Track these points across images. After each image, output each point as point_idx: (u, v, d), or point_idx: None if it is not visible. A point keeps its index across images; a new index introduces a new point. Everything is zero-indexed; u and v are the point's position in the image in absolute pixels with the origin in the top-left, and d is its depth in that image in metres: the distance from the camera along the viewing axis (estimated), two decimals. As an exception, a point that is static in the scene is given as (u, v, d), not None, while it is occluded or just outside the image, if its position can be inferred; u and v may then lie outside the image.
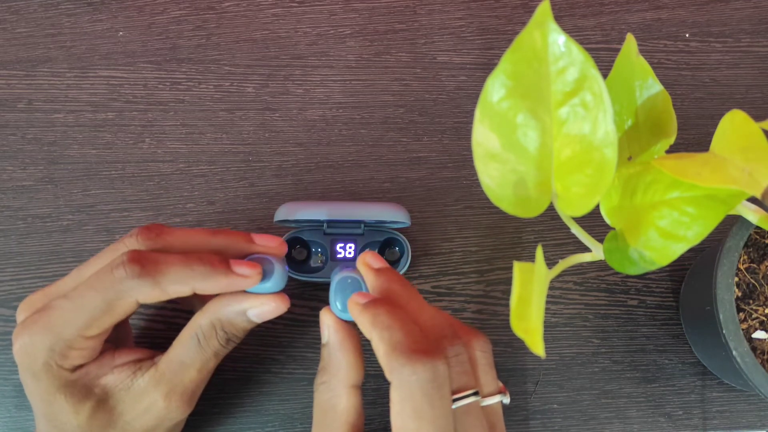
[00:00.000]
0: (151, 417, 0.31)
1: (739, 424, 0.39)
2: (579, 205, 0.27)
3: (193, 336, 0.32)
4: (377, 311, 0.28)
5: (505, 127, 0.26)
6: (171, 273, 0.30)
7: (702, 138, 0.44)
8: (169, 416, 0.32)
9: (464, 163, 0.43)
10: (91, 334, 0.30)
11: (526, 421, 0.39)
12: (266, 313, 0.33)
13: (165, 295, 0.30)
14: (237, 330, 0.33)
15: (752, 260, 0.33)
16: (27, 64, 0.45)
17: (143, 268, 0.29)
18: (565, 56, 0.24)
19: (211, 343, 0.32)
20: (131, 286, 0.29)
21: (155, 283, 0.29)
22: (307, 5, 0.47)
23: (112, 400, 0.31)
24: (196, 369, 0.32)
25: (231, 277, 0.31)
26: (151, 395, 0.31)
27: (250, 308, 0.32)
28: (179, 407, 0.32)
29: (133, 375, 0.31)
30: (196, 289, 0.30)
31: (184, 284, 0.30)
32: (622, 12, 0.47)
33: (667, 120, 0.30)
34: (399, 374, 0.26)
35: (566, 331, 0.40)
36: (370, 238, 0.40)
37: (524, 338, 0.23)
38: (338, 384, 0.30)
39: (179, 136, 0.44)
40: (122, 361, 0.32)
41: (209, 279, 0.30)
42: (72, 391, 0.30)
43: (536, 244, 0.40)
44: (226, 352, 0.33)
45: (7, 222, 0.42)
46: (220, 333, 0.32)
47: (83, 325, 0.29)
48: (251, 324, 0.33)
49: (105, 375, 0.31)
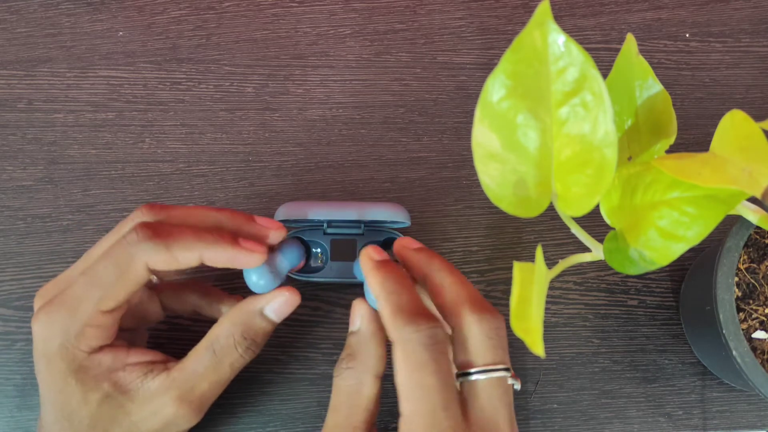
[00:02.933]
0: (157, 421, 0.31)
1: (739, 424, 0.39)
2: (579, 205, 0.27)
3: (209, 347, 0.32)
4: (387, 275, 0.30)
5: (505, 127, 0.26)
6: (181, 239, 0.30)
7: (702, 138, 0.44)
8: (175, 422, 0.31)
9: (464, 163, 0.43)
10: (107, 307, 0.30)
11: (526, 421, 0.39)
12: (282, 306, 0.33)
13: (174, 261, 0.30)
14: (257, 334, 0.33)
15: (752, 260, 0.33)
16: (27, 64, 0.45)
17: (154, 232, 0.30)
18: (565, 56, 0.24)
19: (228, 353, 0.32)
20: (142, 248, 0.30)
21: (166, 247, 0.30)
22: (307, 5, 0.47)
23: (121, 398, 0.31)
24: (208, 380, 0.32)
25: (237, 248, 0.31)
26: (160, 399, 0.31)
27: (265, 305, 0.33)
28: (187, 415, 0.31)
29: (144, 376, 0.31)
30: (203, 257, 0.31)
31: (192, 250, 0.30)
32: (622, 12, 0.47)
33: (667, 120, 0.30)
34: (401, 332, 0.28)
35: (566, 331, 0.40)
36: (370, 238, 0.40)
37: (524, 338, 0.23)
38: (366, 372, 0.31)
39: (179, 136, 0.44)
40: (135, 360, 0.32)
41: (217, 247, 0.31)
42: (84, 378, 0.30)
43: (536, 244, 0.40)
44: (243, 364, 0.33)
45: (7, 222, 0.42)
46: (238, 340, 0.32)
47: (98, 298, 0.30)
48: (270, 324, 0.33)
49: (117, 370, 0.31)
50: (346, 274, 0.39)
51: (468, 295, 0.30)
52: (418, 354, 0.28)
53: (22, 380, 0.39)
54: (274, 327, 0.34)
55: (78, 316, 0.30)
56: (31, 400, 0.39)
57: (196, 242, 0.30)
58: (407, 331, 0.28)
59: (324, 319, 0.40)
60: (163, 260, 0.30)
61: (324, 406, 0.39)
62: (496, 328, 0.29)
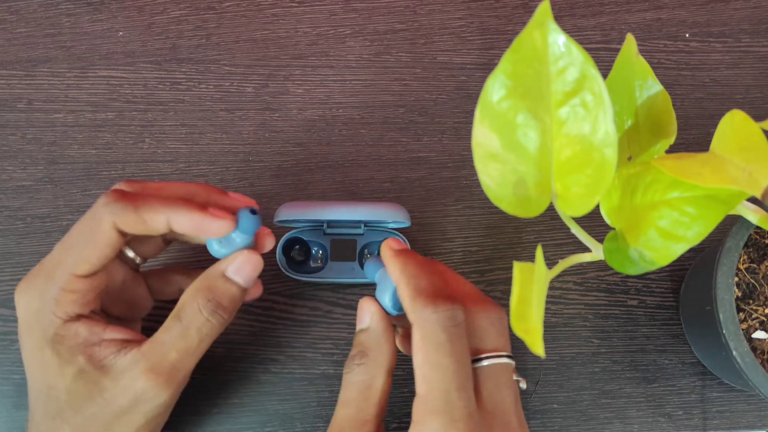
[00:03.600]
0: (128, 396, 0.31)
1: (739, 424, 0.39)
2: (579, 205, 0.27)
3: (176, 315, 0.31)
4: (407, 260, 0.32)
5: (505, 127, 0.26)
6: (149, 202, 0.31)
7: (702, 138, 0.44)
8: (145, 397, 0.31)
9: (464, 163, 0.43)
10: (81, 271, 0.31)
11: (526, 421, 0.39)
12: (243, 266, 0.32)
13: (142, 222, 0.31)
14: (221, 296, 0.32)
15: (752, 260, 0.33)
16: (27, 64, 0.45)
17: (123, 195, 0.31)
18: (565, 56, 0.24)
19: (192, 317, 0.31)
20: (110, 209, 0.30)
21: (134, 209, 0.31)
22: (307, 5, 0.47)
23: (96, 373, 0.31)
24: (176, 348, 0.31)
25: (205, 214, 0.31)
26: (130, 372, 0.31)
27: (226, 267, 0.32)
28: (156, 387, 0.31)
29: (117, 352, 0.31)
30: (171, 221, 0.31)
31: (160, 213, 0.31)
32: (622, 12, 0.47)
33: (667, 120, 0.30)
34: (421, 314, 0.29)
35: (566, 331, 0.40)
36: (370, 238, 0.40)
37: (524, 338, 0.23)
38: (378, 367, 0.31)
39: (179, 136, 0.44)
40: (111, 337, 0.31)
41: (185, 212, 0.31)
42: (59, 349, 0.30)
43: (536, 244, 0.40)
44: (211, 330, 0.32)
45: (7, 222, 0.42)
46: (203, 303, 0.31)
47: (72, 262, 0.30)
48: (235, 286, 0.32)
49: (92, 345, 0.31)
50: (346, 274, 0.39)
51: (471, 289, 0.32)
52: (436, 335, 0.28)
53: (21, 380, 0.39)
54: (241, 291, 0.33)
55: (54, 281, 0.30)
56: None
57: (163, 206, 0.31)
58: (426, 312, 0.29)
59: (323, 319, 0.40)
60: (131, 221, 0.31)
61: (323, 405, 0.39)
62: (499, 318, 0.31)
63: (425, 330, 0.29)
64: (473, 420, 0.28)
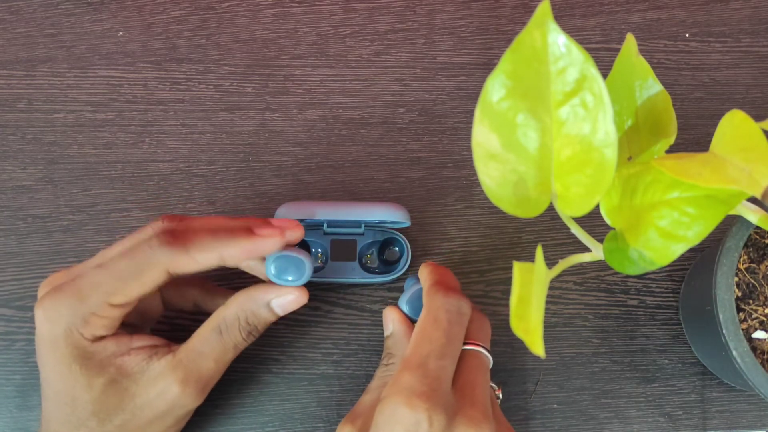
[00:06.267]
0: (163, 402, 0.31)
1: (739, 424, 0.39)
2: (579, 205, 0.27)
3: (216, 327, 0.33)
4: (436, 268, 0.35)
5: (505, 127, 0.26)
6: (199, 241, 0.31)
7: (702, 138, 0.44)
8: (180, 403, 0.32)
9: (464, 163, 0.43)
10: (118, 302, 0.31)
11: (526, 421, 0.39)
12: (288, 304, 0.34)
13: (195, 263, 0.31)
14: (259, 322, 0.34)
15: (752, 260, 0.33)
16: (27, 64, 0.45)
17: (174, 237, 0.31)
18: (565, 56, 0.24)
19: (233, 334, 0.33)
20: (163, 253, 0.30)
21: (185, 251, 0.31)
22: (307, 5, 0.47)
23: (126, 382, 0.31)
24: (214, 359, 0.32)
25: (253, 238, 0.32)
26: (165, 380, 0.31)
27: (273, 298, 0.34)
28: (192, 394, 0.32)
29: (149, 359, 0.31)
30: (223, 256, 0.31)
31: (212, 251, 0.31)
32: (622, 12, 0.47)
33: (667, 120, 0.30)
34: (432, 299, 0.32)
35: (566, 331, 0.40)
36: (370, 238, 0.40)
37: (524, 338, 0.23)
38: None
39: (179, 136, 0.44)
40: (140, 345, 0.32)
41: (234, 244, 0.31)
42: (88, 364, 0.30)
43: (536, 244, 0.40)
44: (244, 346, 0.34)
45: (7, 222, 0.42)
46: (243, 325, 0.33)
47: (111, 290, 0.30)
48: (274, 316, 0.34)
49: (122, 355, 0.31)
50: (345, 274, 0.39)
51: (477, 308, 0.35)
52: (438, 314, 0.31)
53: (23, 380, 0.39)
54: (275, 320, 0.35)
55: (87, 303, 0.30)
56: (31, 400, 0.39)
57: (213, 242, 0.31)
58: (437, 298, 0.32)
59: (323, 319, 0.40)
60: (183, 264, 0.31)
61: (323, 406, 0.39)
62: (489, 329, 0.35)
63: (431, 311, 0.31)
64: (442, 386, 0.29)
